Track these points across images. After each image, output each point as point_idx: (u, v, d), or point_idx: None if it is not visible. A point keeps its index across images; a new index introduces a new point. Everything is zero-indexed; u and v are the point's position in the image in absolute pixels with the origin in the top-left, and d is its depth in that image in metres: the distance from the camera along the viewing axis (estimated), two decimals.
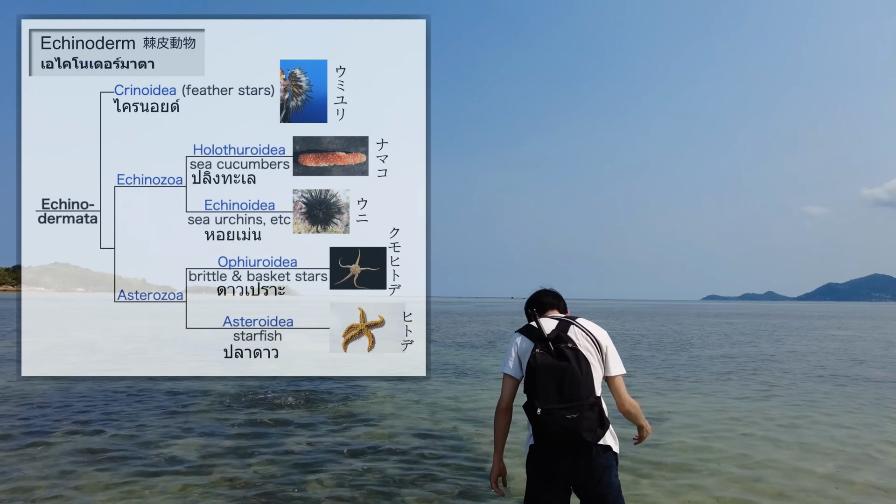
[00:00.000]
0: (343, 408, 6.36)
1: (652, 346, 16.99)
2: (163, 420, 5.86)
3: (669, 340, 19.68)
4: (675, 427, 5.61)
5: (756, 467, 4.14)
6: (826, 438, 5.17)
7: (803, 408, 6.67)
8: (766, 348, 16.40)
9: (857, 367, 12.31)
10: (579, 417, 2.19)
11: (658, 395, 7.61)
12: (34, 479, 3.31)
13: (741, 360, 13.11)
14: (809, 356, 14.26)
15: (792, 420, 6.01)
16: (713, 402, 7.08)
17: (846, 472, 4.15)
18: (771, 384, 9.02)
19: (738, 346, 17.54)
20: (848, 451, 4.77)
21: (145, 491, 3.33)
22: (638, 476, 3.89)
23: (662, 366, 12.12)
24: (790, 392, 8.12)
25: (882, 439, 5.57)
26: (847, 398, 7.53)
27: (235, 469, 4.23)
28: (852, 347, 17.79)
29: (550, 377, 2.05)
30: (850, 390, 8.18)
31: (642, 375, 10.18)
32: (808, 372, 11.09)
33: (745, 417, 6.13)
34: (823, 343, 19.40)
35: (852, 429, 5.63)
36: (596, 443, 2.24)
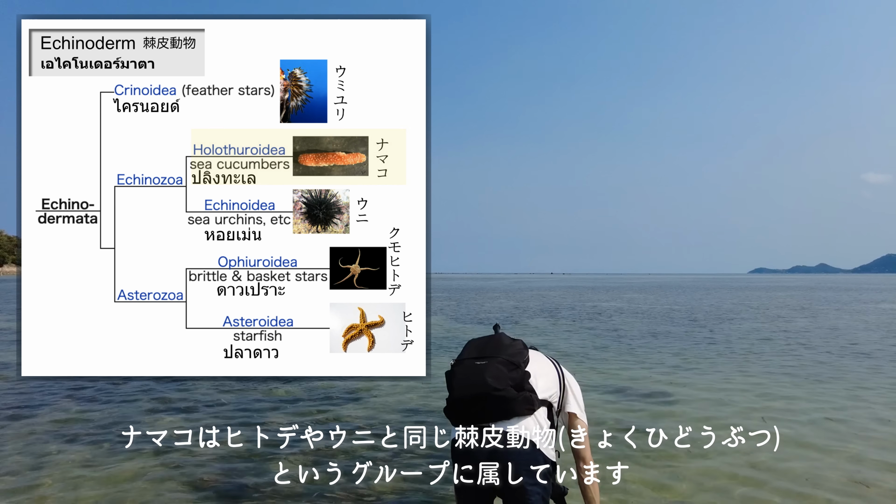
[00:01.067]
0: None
1: (671, 322, 17.25)
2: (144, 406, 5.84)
3: (692, 316, 20.04)
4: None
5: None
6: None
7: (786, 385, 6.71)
8: (796, 324, 16.53)
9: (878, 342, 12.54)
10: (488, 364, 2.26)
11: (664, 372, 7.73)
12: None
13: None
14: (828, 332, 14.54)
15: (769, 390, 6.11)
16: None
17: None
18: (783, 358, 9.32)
19: (771, 321, 17.86)
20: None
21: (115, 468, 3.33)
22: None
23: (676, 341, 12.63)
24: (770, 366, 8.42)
25: (872, 416, 5.74)
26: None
27: (207, 466, 4.22)
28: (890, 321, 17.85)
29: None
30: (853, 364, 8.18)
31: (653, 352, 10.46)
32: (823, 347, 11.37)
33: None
34: (860, 317, 19.44)
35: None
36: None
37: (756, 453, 4.43)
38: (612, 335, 14.52)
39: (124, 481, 4.24)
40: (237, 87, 2.60)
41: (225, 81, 2.60)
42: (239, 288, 2.55)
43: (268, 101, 2.59)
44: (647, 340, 13.27)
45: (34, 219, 2.54)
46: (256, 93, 2.60)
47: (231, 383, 7.18)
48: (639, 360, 10.35)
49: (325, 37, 2.60)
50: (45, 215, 2.54)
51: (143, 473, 4.37)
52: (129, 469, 4.44)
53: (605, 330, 15.78)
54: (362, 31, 2.60)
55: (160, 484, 4.20)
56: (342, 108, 2.60)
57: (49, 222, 2.54)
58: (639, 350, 11.66)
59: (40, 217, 2.54)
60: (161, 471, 4.42)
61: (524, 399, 2.18)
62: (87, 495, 3.97)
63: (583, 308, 24.67)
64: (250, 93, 2.60)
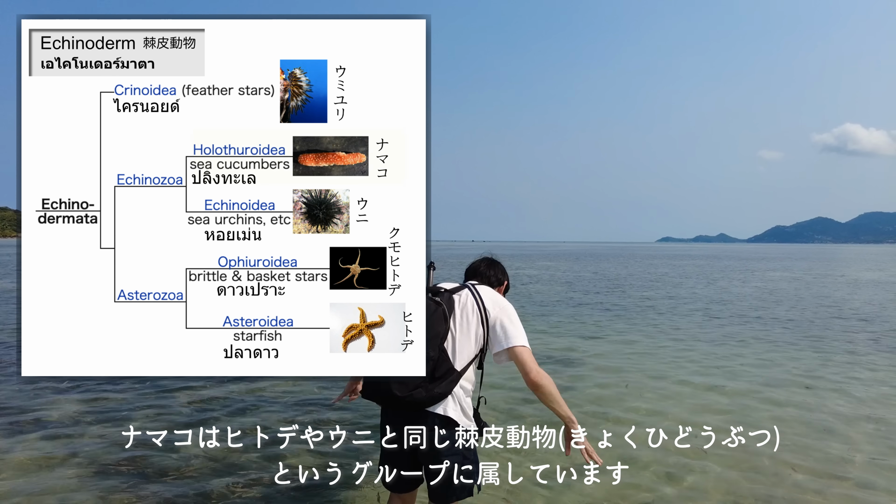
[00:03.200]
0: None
1: (585, 290, 22.56)
2: (140, 402, 5.84)
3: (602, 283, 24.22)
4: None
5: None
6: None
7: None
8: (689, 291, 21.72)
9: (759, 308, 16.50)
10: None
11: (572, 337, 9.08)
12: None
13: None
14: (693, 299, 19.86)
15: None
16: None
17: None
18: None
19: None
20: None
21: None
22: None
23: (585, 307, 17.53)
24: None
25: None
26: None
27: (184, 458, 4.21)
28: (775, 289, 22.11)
29: None
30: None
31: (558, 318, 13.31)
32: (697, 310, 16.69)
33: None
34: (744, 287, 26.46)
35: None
36: (424, 407, 2.35)
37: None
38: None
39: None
40: (237, 87, 2.59)
41: (225, 81, 2.59)
42: (239, 288, 2.55)
43: (268, 101, 2.59)
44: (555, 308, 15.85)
45: (34, 219, 2.54)
46: (256, 93, 2.60)
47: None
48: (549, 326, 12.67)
49: (325, 37, 2.60)
50: (45, 215, 2.54)
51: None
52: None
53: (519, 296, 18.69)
54: (362, 31, 2.60)
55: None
56: (342, 108, 2.60)
57: (49, 222, 2.54)
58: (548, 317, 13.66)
59: (40, 217, 2.54)
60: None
61: (437, 395, 2.31)
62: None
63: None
64: (250, 93, 2.60)
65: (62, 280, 2.52)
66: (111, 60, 2.58)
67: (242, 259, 2.56)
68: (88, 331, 2.53)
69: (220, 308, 2.55)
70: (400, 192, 2.59)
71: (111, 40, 2.58)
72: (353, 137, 2.59)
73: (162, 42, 2.59)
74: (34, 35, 2.56)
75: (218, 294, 2.55)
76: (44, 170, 2.54)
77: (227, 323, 2.55)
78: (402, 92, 2.61)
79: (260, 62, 2.60)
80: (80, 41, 2.57)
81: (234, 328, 2.55)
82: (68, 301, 2.53)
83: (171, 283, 2.54)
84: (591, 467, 2.74)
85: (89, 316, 2.53)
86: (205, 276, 2.55)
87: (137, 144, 2.57)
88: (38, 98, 2.56)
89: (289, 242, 2.56)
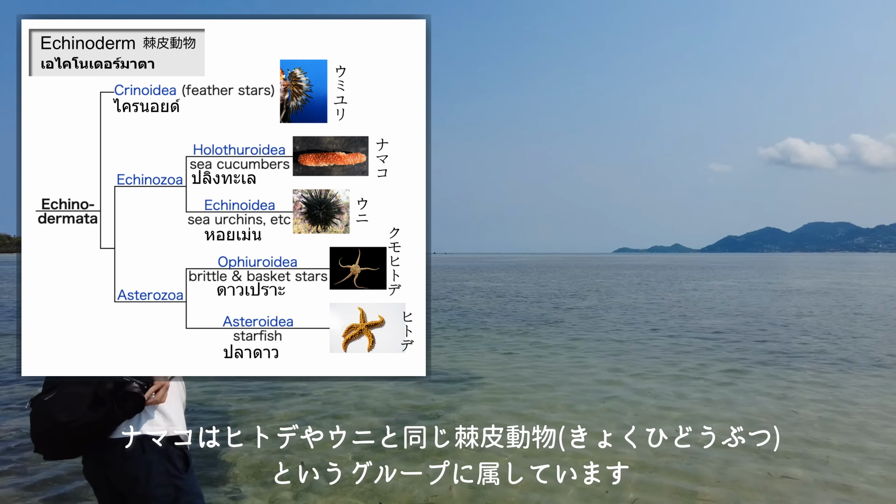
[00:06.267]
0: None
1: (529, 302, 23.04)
2: None
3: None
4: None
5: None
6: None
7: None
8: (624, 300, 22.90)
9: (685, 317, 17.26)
10: (56, 396, 2.19)
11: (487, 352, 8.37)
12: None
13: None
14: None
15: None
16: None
17: None
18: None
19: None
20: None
21: None
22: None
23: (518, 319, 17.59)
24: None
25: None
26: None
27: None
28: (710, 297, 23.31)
29: None
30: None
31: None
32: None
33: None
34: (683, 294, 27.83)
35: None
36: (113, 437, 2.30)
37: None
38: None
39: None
40: (237, 87, 2.59)
41: (225, 81, 2.59)
42: (239, 288, 2.55)
43: (268, 101, 2.59)
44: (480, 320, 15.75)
45: (34, 219, 2.54)
46: (256, 93, 2.60)
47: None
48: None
49: (325, 37, 2.60)
50: (45, 215, 2.54)
51: None
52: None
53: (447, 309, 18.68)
54: (362, 31, 2.60)
55: None
56: (342, 108, 2.60)
57: (49, 222, 2.54)
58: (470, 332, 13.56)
59: (40, 217, 2.54)
60: None
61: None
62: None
63: (442, 286, 28.57)
64: (250, 93, 2.59)
65: (62, 280, 2.52)
66: (111, 60, 2.58)
67: (242, 259, 2.56)
68: (88, 331, 2.53)
69: (220, 308, 2.55)
70: (400, 192, 2.59)
71: (111, 40, 2.58)
72: (353, 137, 2.59)
73: (162, 42, 2.59)
74: (34, 35, 2.56)
75: (218, 294, 2.55)
76: (44, 170, 2.54)
77: (227, 323, 2.55)
78: (402, 92, 2.61)
79: (260, 62, 2.60)
80: (80, 41, 2.57)
81: (234, 328, 2.55)
82: (68, 301, 2.53)
83: (172, 283, 2.54)
84: (591, 467, 2.73)
85: (89, 316, 2.53)
86: (205, 276, 2.55)
87: (137, 144, 2.57)
88: (38, 98, 2.56)
89: (289, 242, 2.56)
